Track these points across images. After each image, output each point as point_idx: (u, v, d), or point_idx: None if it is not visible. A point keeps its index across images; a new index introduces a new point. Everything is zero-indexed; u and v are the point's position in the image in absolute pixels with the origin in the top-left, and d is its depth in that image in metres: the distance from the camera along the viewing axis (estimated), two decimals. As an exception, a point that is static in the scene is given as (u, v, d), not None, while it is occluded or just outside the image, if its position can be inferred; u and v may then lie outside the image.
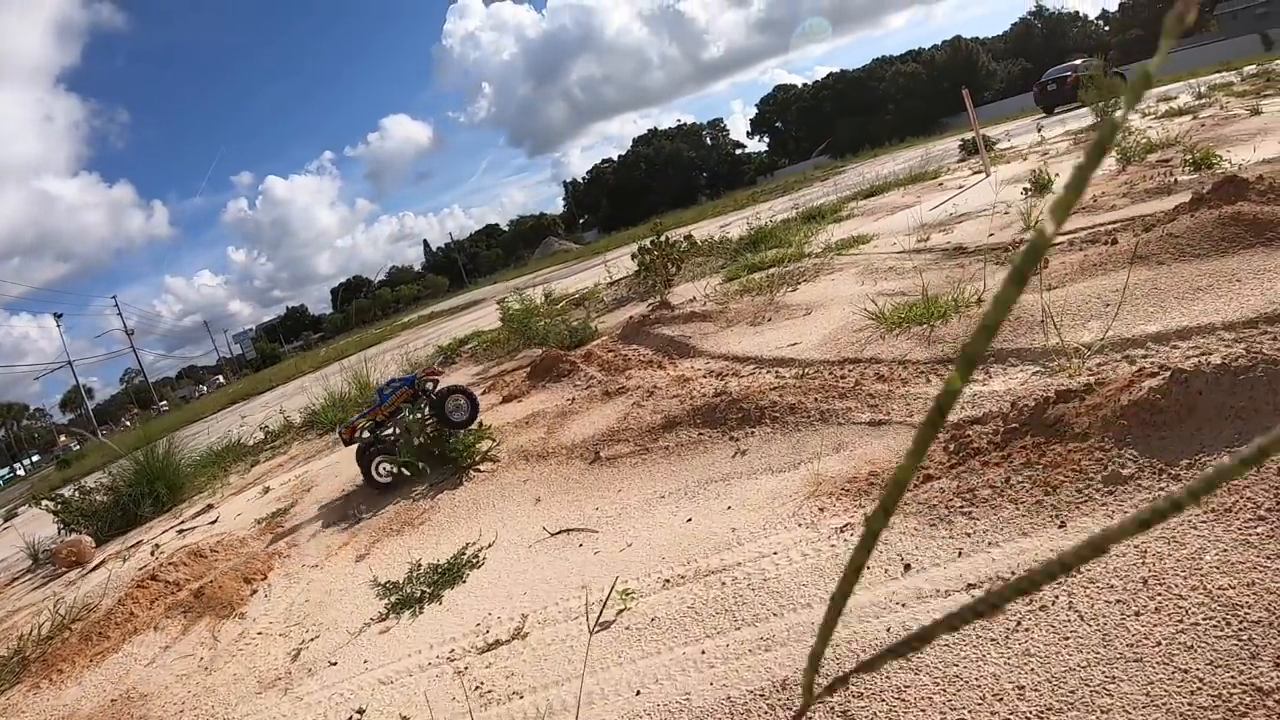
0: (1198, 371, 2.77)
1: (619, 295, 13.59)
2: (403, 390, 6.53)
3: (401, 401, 6.53)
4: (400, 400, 6.53)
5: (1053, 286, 5.30)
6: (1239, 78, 21.58)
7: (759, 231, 13.23)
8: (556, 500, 5.12)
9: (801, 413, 4.71)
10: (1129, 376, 3.04)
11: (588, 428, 6.02)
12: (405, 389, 6.52)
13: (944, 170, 16.88)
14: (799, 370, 5.67)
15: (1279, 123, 10.54)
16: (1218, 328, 3.80)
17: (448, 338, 16.85)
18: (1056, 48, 77.31)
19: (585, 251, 45.15)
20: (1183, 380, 2.78)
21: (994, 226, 8.59)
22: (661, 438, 5.32)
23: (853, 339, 5.86)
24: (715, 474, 4.53)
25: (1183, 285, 4.53)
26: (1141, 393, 2.84)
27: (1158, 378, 2.89)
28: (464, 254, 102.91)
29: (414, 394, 6.51)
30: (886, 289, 7.16)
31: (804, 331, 6.63)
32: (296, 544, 5.93)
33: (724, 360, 6.72)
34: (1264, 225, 4.86)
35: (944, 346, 5.01)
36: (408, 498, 6.00)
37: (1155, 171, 9.02)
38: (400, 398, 6.53)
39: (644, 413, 5.80)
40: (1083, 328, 4.44)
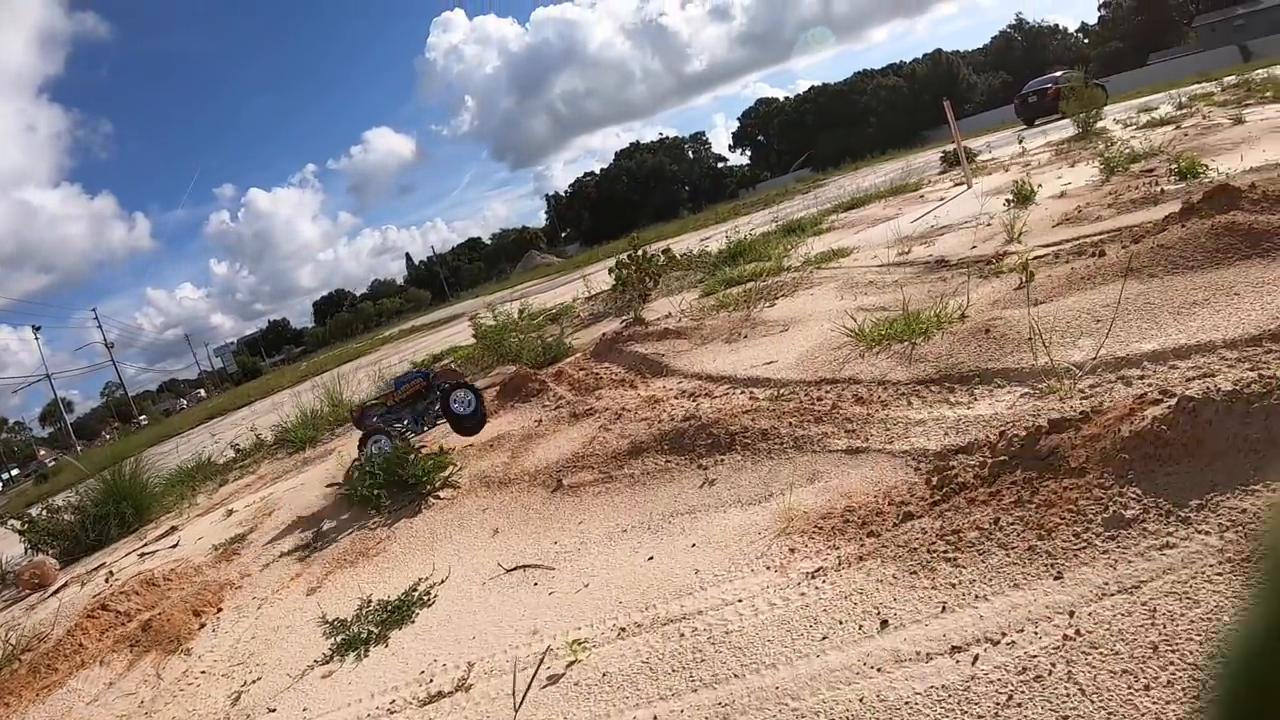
0: (1207, 399, 2.48)
1: (596, 310, 13.31)
2: (417, 382, 6.64)
3: (413, 392, 6.62)
4: (412, 390, 6.62)
5: (1039, 301, 5.03)
6: (1219, 88, 21.52)
7: (738, 245, 12.96)
8: (515, 532, 4.84)
9: (774, 439, 4.41)
10: (1129, 404, 2.74)
11: (552, 452, 5.74)
12: (419, 381, 6.63)
13: (925, 182, 16.69)
14: (774, 391, 5.37)
15: (1262, 131, 10.34)
16: (1218, 346, 3.52)
17: (425, 353, 16.58)
18: (1036, 60, 77.72)
19: (567, 265, 44.92)
20: (1190, 409, 2.49)
21: (976, 238, 8.35)
22: (627, 465, 5.03)
23: (831, 357, 5.57)
24: (681, 506, 4.23)
25: (1177, 299, 4.25)
26: (1144, 423, 2.55)
27: (1161, 405, 2.60)
28: (446, 267, 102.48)
29: (427, 386, 6.61)
30: (867, 304, 6.90)
31: (780, 349, 6.34)
32: (250, 574, 5.65)
33: (697, 380, 6.43)
34: (1259, 235, 4.60)
35: (925, 365, 4.72)
36: (365, 526, 5.68)
37: (1140, 181, 8.82)
38: (413, 389, 6.62)
39: (610, 437, 5.50)
40: (1073, 346, 4.16)
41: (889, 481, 3.47)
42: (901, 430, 4.00)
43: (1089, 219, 7.55)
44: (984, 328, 4.79)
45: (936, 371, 4.57)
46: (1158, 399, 2.68)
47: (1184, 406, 2.50)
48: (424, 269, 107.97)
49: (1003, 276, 6.32)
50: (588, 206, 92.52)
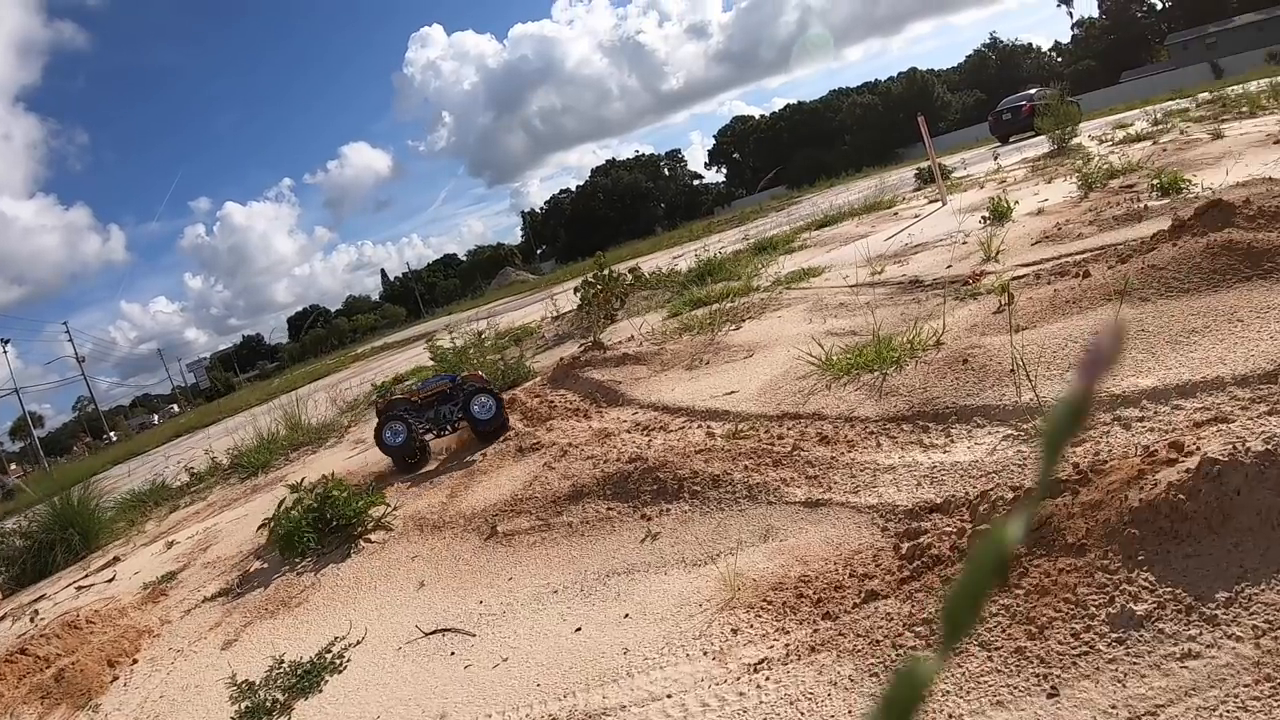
0: (1234, 462, 2.01)
1: (561, 331, 12.84)
2: (443, 384, 6.68)
3: (438, 394, 6.64)
4: (437, 392, 6.65)
5: (1021, 327, 4.57)
6: (1194, 104, 21.36)
7: (708, 264, 12.55)
8: (442, 585, 4.37)
9: (727, 486, 3.93)
10: (1137, 464, 2.27)
11: (492, 492, 5.30)
12: (446, 383, 6.67)
13: (899, 199, 16.32)
14: (732, 426, 4.90)
15: (1244, 146, 10.01)
16: (1228, 383, 3.07)
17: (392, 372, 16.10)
18: (1010, 78, 78.18)
19: (541, 282, 44.54)
20: (1215, 475, 2.02)
21: (952, 257, 7.94)
22: (566, 511, 4.57)
23: (795, 388, 5.12)
24: (619, 563, 3.74)
25: (1175, 326, 3.81)
26: (1157, 490, 2.08)
27: (1177, 468, 2.12)
28: (422, 284, 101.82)
29: (453, 389, 6.64)
30: (836, 327, 6.47)
31: (743, 378, 5.89)
32: (170, 620, 5.25)
33: (653, 410, 5.96)
34: (1260, 254, 4.17)
35: (897, 400, 4.25)
36: (292, 571, 5.28)
37: (1120, 197, 8.44)
38: (439, 389, 6.65)
39: (553, 477, 5.04)
40: (1060, 379, 3.70)
41: (852, 544, 3.00)
42: (869, 478, 3.53)
43: (1070, 236, 7.14)
44: (961, 357, 4.35)
45: (909, 407, 4.10)
46: (1171, 458, 2.21)
47: (1207, 471, 2.03)
48: (399, 285, 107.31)
49: (980, 298, 5.90)
50: (563, 223, 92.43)
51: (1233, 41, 65.62)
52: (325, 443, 10.35)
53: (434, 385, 6.72)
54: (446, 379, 6.74)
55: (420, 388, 6.79)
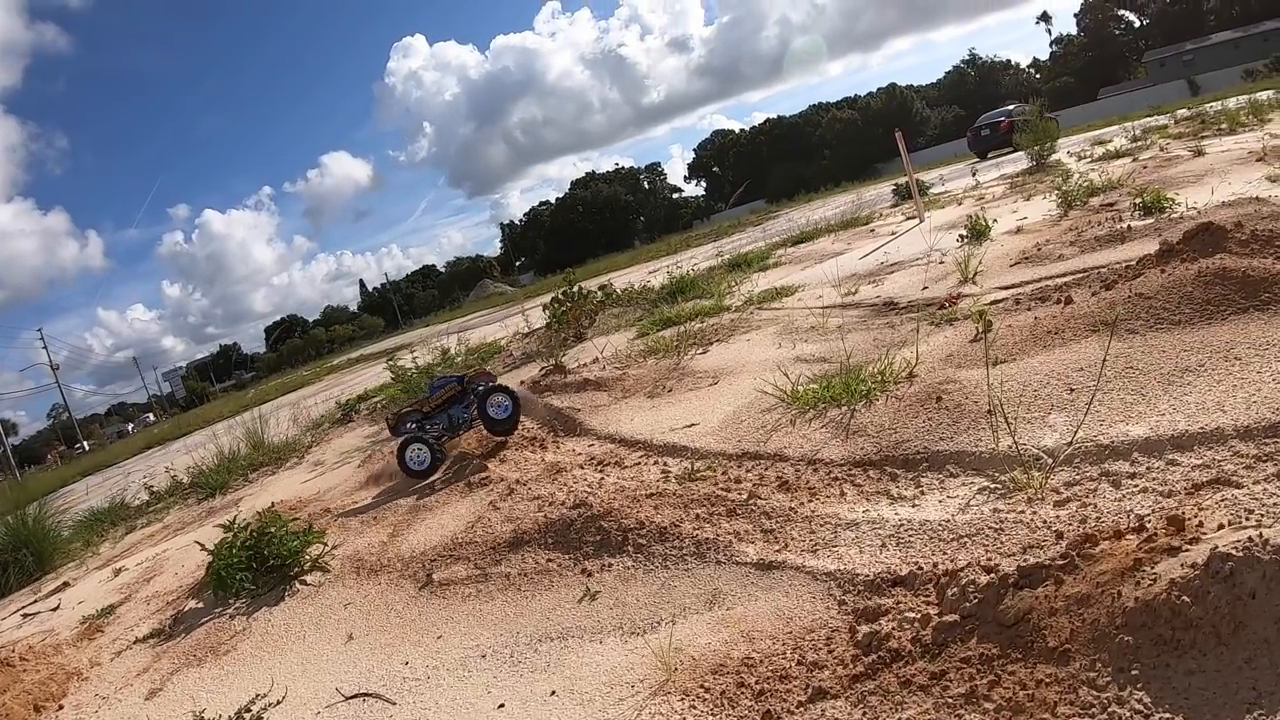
0: (1249, 558, 1.65)
1: (529, 349, 12.43)
2: (451, 387, 6.46)
3: (448, 397, 6.44)
4: (448, 396, 6.44)
5: (999, 360, 4.24)
6: (1172, 120, 21.25)
7: (681, 281, 12.21)
8: (371, 639, 4.02)
9: (674, 541, 3.57)
10: (1133, 549, 1.91)
11: (434, 532, 4.95)
12: (454, 386, 6.45)
13: (876, 216, 16.01)
14: (689, 464, 4.55)
15: (1226, 164, 9.76)
16: (1229, 435, 2.73)
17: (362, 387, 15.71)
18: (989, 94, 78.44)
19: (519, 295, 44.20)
20: (1226, 574, 1.66)
21: (928, 278, 7.61)
22: (505, 560, 4.22)
23: (758, 422, 4.76)
24: (553, 626, 3.37)
25: (1166, 364, 3.48)
26: (1158, 589, 1.73)
27: (1180, 560, 1.77)
28: (400, 294, 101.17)
29: (462, 391, 6.45)
30: (806, 353, 6.15)
31: (706, 408, 5.54)
32: (101, 662, 4.98)
33: (610, 443, 5.61)
34: (1256, 284, 3.85)
35: (864, 441, 3.90)
36: (225, 613, 4.97)
37: (1102, 216, 8.16)
38: (448, 394, 6.44)
39: (496, 519, 4.70)
40: (1042, 424, 3.36)
41: (804, 620, 2.63)
42: (829, 535, 3.17)
43: (1050, 258, 6.83)
44: (935, 393, 4.00)
45: (877, 450, 3.75)
46: (1172, 545, 1.85)
47: (1216, 570, 1.68)
48: (378, 296, 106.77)
49: (956, 324, 5.58)
50: (542, 235, 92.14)
51: (1210, 59, 66.20)
52: (285, 463, 10.01)
53: (442, 391, 6.48)
54: (454, 380, 6.52)
55: (430, 395, 6.55)
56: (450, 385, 6.48)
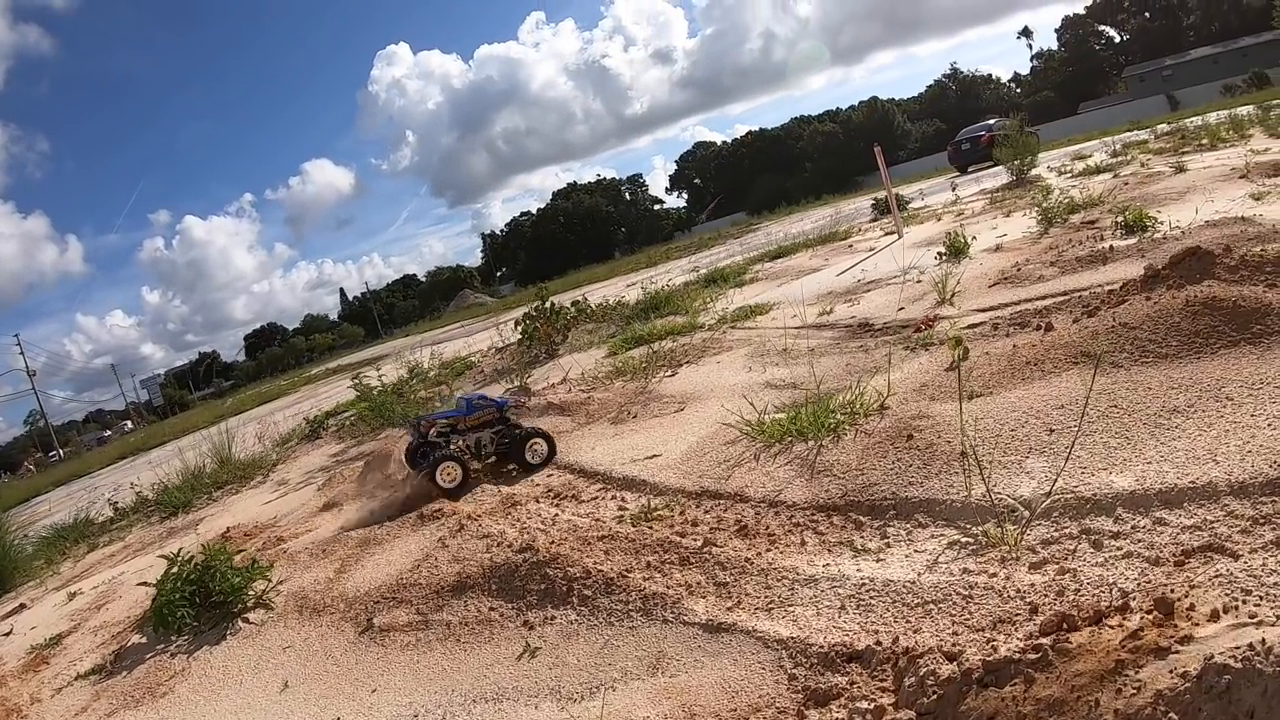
0: (1249, 670, 1.39)
1: (501, 365, 12.19)
2: (490, 411, 6.11)
3: (483, 421, 6.09)
4: (484, 420, 6.09)
5: (974, 394, 3.98)
6: (1152, 136, 21.21)
7: (655, 297, 11.99)
8: (305, 689, 3.78)
9: (621, 593, 3.29)
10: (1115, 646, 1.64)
11: (381, 570, 4.68)
12: (493, 411, 6.11)
13: (855, 230, 15.86)
14: (647, 501, 4.28)
15: (1207, 180, 9.60)
16: (1222, 490, 2.47)
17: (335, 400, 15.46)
18: (970, 108, 78.90)
19: (498, 305, 44.11)
20: (1221, 688, 1.39)
21: (904, 298, 7.39)
22: (448, 605, 3.96)
23: (721, 455, 4.50)
24: (489, 686, 3.10)
25: (1153, 403, 3.22)
26: (1142, 702, 1.45)
27: (1168, 664, 1.50)
28: (380, 304, 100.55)
29: (499, 418, 6.11)
30: (776, 378, 5.91)
31: (669, 437, 5.28)
32: (41, 699, 4.82)
33: (569, 473, 5.36)
34: (1247, 315, 3.61)
35: (830, 482, 3.63)
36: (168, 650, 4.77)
37: (1083, 235, 7.96)
38: (485, 418, 6.09)
39: (443, 559, 4.41)
40: (1019, 469, 3.10)
41: (750, 696, 2.36)
42: (785, 592, 2.90)
43: (1030, 279, 6.61)
44: (906, 430, 3.74)
45: (842, 493, 3.48)
46: (1160, 644, 1.58)
47: (1211, 684, 1.41)
48: (358, 305, 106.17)
49: (932, 350, 5.34)
50: (523, 246, 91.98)
51: (1189, 74, 66.73)
52: (250, 481, 9.84)
53: (480, 414, 6.09)
54: (494, 406, 6.14)
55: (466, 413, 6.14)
56: (489, 410, 6.12)
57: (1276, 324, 3.49)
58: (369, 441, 9.59)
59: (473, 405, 6.12)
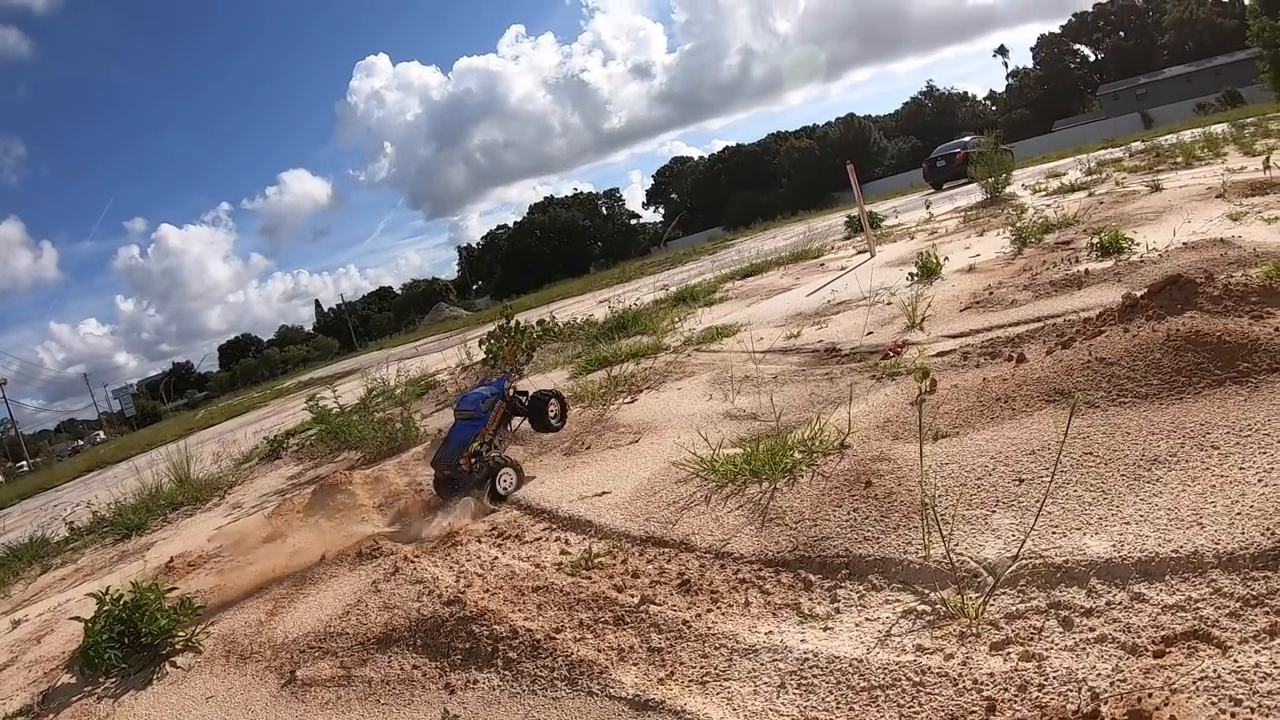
0: None
1: (465, 385, 11.88)
2: (499, 404, 5.83)
3: (502, 415, 5.85)
4: (500, 414, 5.83)
5: (940, 434, 3.69)
6: (1127, 154, 21.15)
7: (623, 316, 11.72)
8: None
9: (548, 658, 2.98)
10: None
11: (312, 614, 4.41)
12: (499, 401, 5.83)
13: (827, 248, 15.64)
14: (590, 545, 3.99)
15: (1183, 200, 9.40)
16: (1208, 562, 2.18)
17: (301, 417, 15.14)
18: (946, 125, 79.43)
19: (473, 319, 43.85)
20: None
21: (873, 321, 7.12)
22: (372, 660, 3.65)
23: (672, 495, 4.20)
24: (400, 759, 2.78)
25: (1131, 451, 2.93)
26: None
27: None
28: (356, 316, 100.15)
29: (507, 404, 5.91)
30: (737, 408, 5.62)
31: (621, 472, 4.99)
32: None
33: (515, 509, 5.07)
34: (1233, 350, 3.33)
35: (782, 532, 3.32)
36: (94, 692, 4.56)
37: (1057, 256, 7.72)
38: (499, 412, 5.82)
39: (374, 606, 4.12)
40: (984, 524, 2.80)
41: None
42: (722, 663, 2.59)
43: (1002, 303, 6.35)
44: (865, 474, 3.44)
45: (793, 546, 3.18)
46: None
47: None
48: (333, 316, 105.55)
49: (899, 380, 5.06)
50: (499, 259, 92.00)
51: (1162, 92, 67.44)
52: (205, 503, 9.50)
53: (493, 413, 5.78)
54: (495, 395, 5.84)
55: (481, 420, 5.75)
56: (497, 403, 5.84)
57: (1264, 361, 3.21)
58: (326, 464, 9.37)
59: (480, 412, 5.79)
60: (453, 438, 5.75)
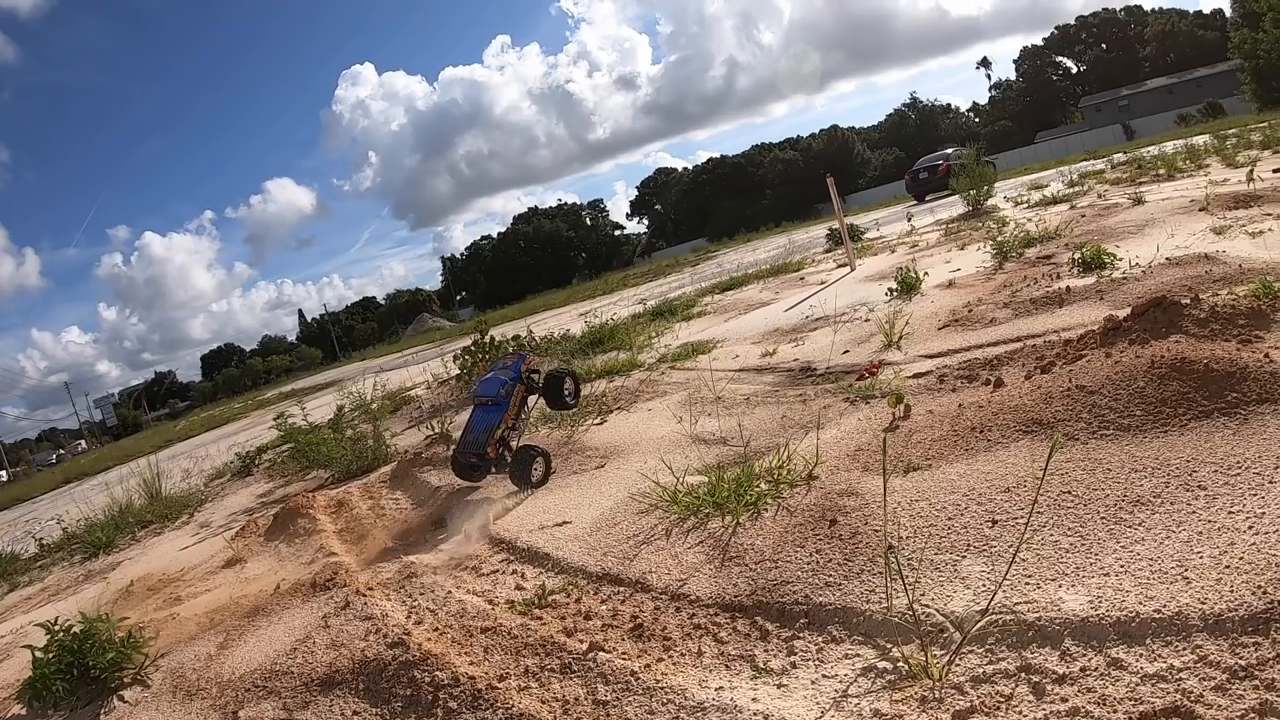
0: None
1: (439, 401, 11.70)
2: (518, 388, 5.77)
3: (522, 399, 5.82)
4: (520, 399, 5.78)
5: (913, 467, 3.49)
6: (1109, 165, 21.14)
7: (600, 330, 11.57)
8: None
9: (488, 709, 2.77)
10: None
11: (262, 648, 4.20)
12: (518, 386, 5.76)
13: (808, 261, 15.53)
14: (544, 582, 3.79)
15: (1166, 213, 9.27)
16: (1194, 624, 1.97)
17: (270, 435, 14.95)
18: (929, 137, 79.90)
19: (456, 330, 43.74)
20: None
21: (850, 339, 6.96)
22: (314, 703, 3.41)
23: (632, 528, 4.00)
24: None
25: (1112, 490, 2.73)
26: None
27: None
28: (339, 326, 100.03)
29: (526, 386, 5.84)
30: (706, 431, 5.42)
31: (584, 500, 4.78)
32: None
33: (474, 540, 4.84)
34: (1220, 379, 3.14)
35: (741, 573, 3.11)
36: None
37: (1038, 272, 7.57)
38: (519, 396, 5.77)
39: (322, 643, 3.89)
40: (953, 572, 2.59)
41: None
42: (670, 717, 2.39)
43: (981, 321, 6.18)
44: (831, 511, 3.24)
45: (751, 590, 2.97)
46: None
47: None
48: (316, 326, 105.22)
49: (873, 404, 4.87)
50: (483, 270, 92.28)
51: (1144, 104, 67.94)
52: (174, 521, 9.28)
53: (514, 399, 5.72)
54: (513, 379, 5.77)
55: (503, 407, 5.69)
56: (514, 388, 5.77)
57: (1253, 391, 3.02)
58: (296, 482, 9.18)
59: (499, 399, 5.71)
60: (475, 425, 5.69)
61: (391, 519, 6.04)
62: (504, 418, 5.58)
